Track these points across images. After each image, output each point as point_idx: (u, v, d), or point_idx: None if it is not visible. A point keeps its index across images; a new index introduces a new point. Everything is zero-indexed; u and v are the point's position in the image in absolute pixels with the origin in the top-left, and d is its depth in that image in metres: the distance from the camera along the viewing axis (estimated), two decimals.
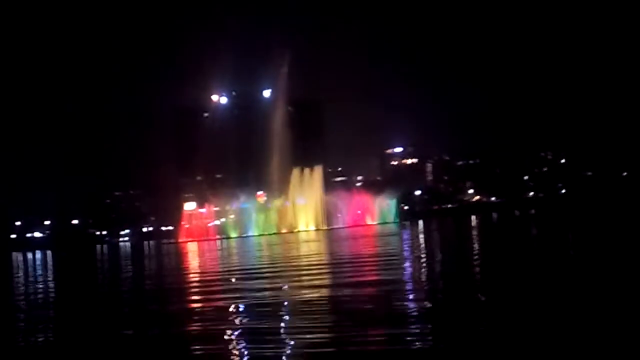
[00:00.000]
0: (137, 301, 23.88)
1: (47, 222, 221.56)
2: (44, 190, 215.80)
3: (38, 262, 75.27)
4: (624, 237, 32.72)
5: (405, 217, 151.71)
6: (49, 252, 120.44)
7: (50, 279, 42.60)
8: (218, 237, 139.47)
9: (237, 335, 13.93)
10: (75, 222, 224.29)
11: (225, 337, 13.70)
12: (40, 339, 15.87)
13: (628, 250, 24.90)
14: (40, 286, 35.41)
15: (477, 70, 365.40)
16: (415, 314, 15.02)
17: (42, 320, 19.39)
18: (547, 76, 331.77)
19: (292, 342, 12.72)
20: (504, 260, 27.55)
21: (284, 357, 11.61)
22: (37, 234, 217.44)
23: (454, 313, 14.61)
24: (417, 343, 11.83)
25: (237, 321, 16.05)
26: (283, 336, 13.47)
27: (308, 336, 13.04)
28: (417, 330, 12.79)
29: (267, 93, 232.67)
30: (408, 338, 12.14)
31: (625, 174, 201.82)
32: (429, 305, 16.19)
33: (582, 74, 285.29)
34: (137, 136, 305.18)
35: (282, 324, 14.87)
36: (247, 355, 12.01)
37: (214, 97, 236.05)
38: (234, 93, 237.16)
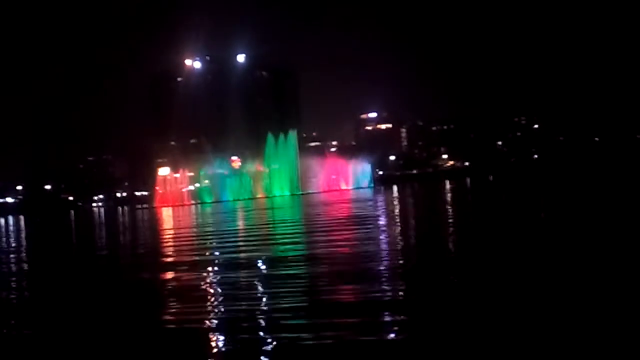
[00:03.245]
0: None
1: (19, 187, 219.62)
2: (16, 155, 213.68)
3: (11, 228, 74.63)
4: (594, 200, 33.27)
5: (380, 182, 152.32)
6: (21, 217, 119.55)
7: (27, 243, 42.45)
8: (192, 202, 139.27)
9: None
10: (47, 187, 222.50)
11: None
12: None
13: (598, 212, 25.39)
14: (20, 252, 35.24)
15: (451, 37, 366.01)
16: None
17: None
18: (520, 43, 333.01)
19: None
20: (474, 220, 28.01)
21: None
22: (9, 199, 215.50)
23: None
24: None
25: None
26: None
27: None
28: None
29: (241, 58, 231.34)
30: None
31: (597, 139, 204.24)
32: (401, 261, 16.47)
33: (554, 41, 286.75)
34: (111, 101, 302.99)
35: None
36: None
37: (188, 62, 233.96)
38: (207, 58, 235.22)
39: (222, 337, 9.91)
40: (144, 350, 9.73)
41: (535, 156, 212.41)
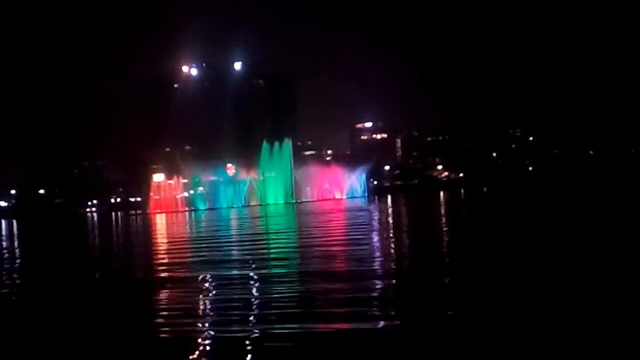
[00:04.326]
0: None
1: (13, 191, 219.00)
2: (10, 158, 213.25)
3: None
4: (587, 212, 33.36)
5: (374, 192, 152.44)
6: (14, 222, 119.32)
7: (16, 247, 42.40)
8: (186, 209, 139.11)
9: None
10: (41, 191, 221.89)
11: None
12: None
13: (591, 223, 25.47)
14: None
15: (447, 48, 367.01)
16: None
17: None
18: (516, 54, 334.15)
19: None
20: (469, 229, 28.08)
21: None
22: (2, 203, 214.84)
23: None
24: None
25: None
26: None
27: None
28: None
29: (237, 65, 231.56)
30: None
31: (591, 152, 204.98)
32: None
33: (550, 53, 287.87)
34: (106, 106, 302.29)
35: None
36: None
37: (184, 69, 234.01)
38: (204, 65, 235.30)
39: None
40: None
41: (530, 168, 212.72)
